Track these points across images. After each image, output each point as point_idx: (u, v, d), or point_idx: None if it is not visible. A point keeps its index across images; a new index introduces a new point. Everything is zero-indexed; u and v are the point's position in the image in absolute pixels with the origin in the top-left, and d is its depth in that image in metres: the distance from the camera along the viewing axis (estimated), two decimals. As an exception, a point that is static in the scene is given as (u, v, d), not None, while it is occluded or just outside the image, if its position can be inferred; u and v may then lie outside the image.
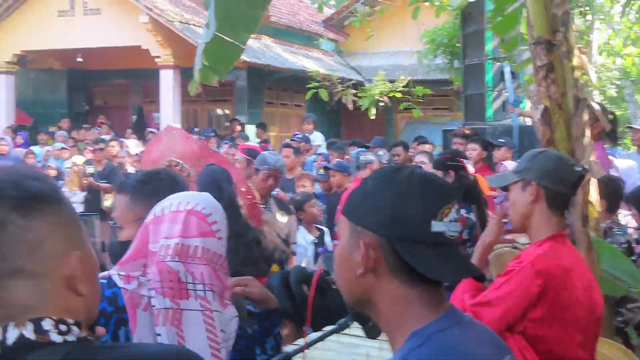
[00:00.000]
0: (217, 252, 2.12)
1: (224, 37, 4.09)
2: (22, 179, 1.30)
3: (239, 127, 16.01)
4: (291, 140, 11.98)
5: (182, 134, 5.72)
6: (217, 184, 3.62)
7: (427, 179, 1.48)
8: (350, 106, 14.39)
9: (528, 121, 9.77)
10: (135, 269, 2.12)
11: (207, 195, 2.24)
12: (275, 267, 4.63)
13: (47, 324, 1.26)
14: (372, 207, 1.46)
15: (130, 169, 11.68)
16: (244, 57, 15.26)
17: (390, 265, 1.45)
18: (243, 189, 5.14)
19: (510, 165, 6.79)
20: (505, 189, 2.96)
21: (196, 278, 2.05)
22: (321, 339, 2.26)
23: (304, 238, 6.65)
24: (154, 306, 2.05)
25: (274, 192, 6.08)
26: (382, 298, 1.47)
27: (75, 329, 1.29)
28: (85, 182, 11.56)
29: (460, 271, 1.51)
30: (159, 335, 2.02)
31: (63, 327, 1.27)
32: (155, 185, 2.57)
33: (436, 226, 1.43)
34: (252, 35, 4.88)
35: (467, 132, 9.04)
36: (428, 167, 7.94)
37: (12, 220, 1.26)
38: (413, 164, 9.16)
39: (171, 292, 2.03)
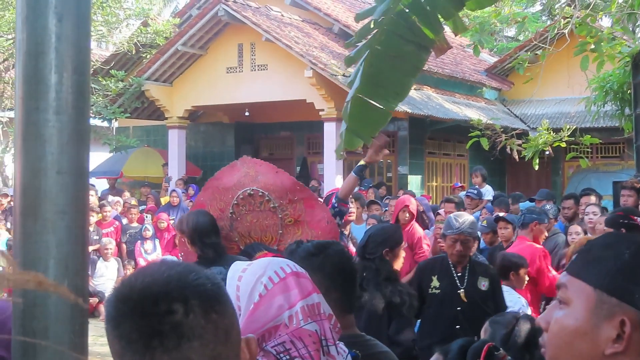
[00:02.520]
0: (324, 306, 2.08)
1: (371, 101, 4.01)
2: (207, 274, 1.37)
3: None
4: (466, 195, 11.80)
5: (270, 166, 5.49)
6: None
7: None
8: (516, 156, 14.06)
9: None
10: None
11: (282, 259, 2.20)
12: None
13: None
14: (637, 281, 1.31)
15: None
16: (405, 108, 15.34)
17: None
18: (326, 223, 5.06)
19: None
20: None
21: (322, 334, 2.02)
22: None
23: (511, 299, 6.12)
24: None
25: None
26: None
27: None
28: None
29: None
30: None
31: None
32: (324, 259, 2.59)
33: None
34: (413, 86, 4.83)
35: (638, 185, 8.60)
36: (599, 220, 7.62)
37: (213, 308, 1.31)
38: (582, 216, 8.82)
39: (317, 355, 1.99)
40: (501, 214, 9.16)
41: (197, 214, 5.14)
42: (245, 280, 2.07)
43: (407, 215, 8.56)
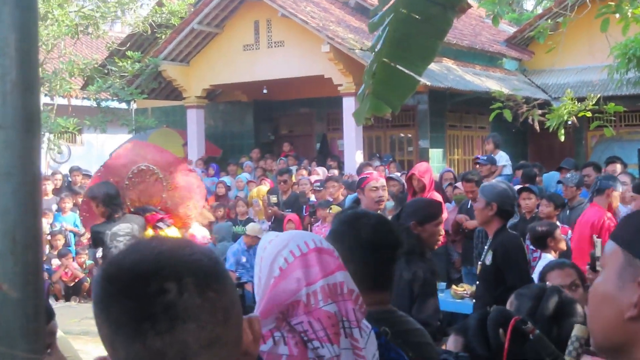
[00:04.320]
0: (350, 285, 1.97)
1: (398, 66, 3.88)
2: (202, 249, 1.26)
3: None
4: (475, 163, 11.71)
5: (156, 147, 7.47)
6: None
7: None
8: (537, 127, 13.87)
9: None
10: (266, 327, 1.94)
11: (309, 233, 2.09)
12: None
13: None
14: None
15: (313, 198, 11.82)
16: (425, 81, 15.14)
17: None
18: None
19: None
20: None
21: (344, 315, 1.93)
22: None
23: None
24: (323, 356, 1.90)
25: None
26: None
27: None
28: (270, 211, 11.80)
29: None
30: None
31: None
32: (355, 230, 2.48)
33: None
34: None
35: None
36: (629, 188, 7.47)
37: (210, 286, 1.19)
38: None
39: (336, 338, 1.90)
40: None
41: (105, 184, 6.92)
42: (268, 252, 2.00)
43: (417, 183, 8.64)
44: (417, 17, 3.92)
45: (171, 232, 7.03)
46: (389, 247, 2.55)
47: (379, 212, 5.72)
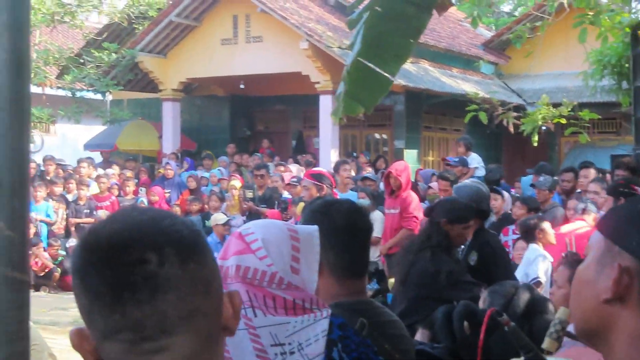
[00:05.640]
0: (259, 268, 1.97)
1: (371, 65, 3.88)
2: (183, 220, 1.24)
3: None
4: (445, 164, 11.76)
5: None
6: None
7: None
8: (512, 129, 13.96)
9: None
10: None
11: (266, 221, 2.16)
12: None
13: None
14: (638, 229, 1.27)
15: (285, 194, 11.83)
16: (401, 82, 15.19)
17: None
18: None
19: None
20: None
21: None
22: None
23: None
24: None
25: None
26: (620, 334, 1.25)
27: None
28: (245, 206, 11.79)
29: None
30: None
31: None
32: (326, 218, 2.47)
33: None
34: (410, 60, 4.73)
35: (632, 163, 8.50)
36: (603, 195, 7.56)
37: (191, 257, 1.18)
38: (581, 190, 8.76)
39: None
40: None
41: None
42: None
43: (394, 181, 8.92)
44: (392, 16, 3.92)
45: None
46: (364, 230, 2.55)
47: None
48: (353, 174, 12.89)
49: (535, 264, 6.73)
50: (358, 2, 4.33)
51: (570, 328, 1.45)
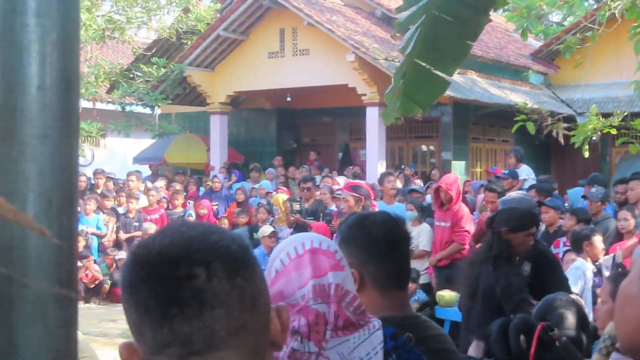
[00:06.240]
0: (346, 286, 1.95)
1: (429, 67, 3.90)
2: (231, 234, 1.25)
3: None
4: (496, 176, 11.62)
5: None
6: None
7: None
8: (562, 140, 13.77)
9: None
10: None
11: (312, 234, 2.09)
12: None
13: None
14: None
15: (333, 207, 11.82)
16: (449, 93, 15.09)
17: None
18: None
19: None
20: None
21: (329, 318, 1.91)
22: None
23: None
24: (297, 350, 1.88)
25: None
26: None
27: None
28: (292, 218, 11.81)
29: None
30: None
31: None
32: (361, 230, 2.44)
33: None
34: (457, 71, 4.73)
35: None
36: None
37: (238, 272, 1.18)
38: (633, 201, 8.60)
39: (317, 336, 1.88)
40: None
41: None
42: (272, 255, 2.02)
43: (444, 195, 8.91)
44: (450, 18, 3.94)
45: None
46: (402, 240, 2.51)
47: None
48: (399, 185, 12.81)
49: (575, 279, 6.63)
50: (407, 4, 4.35)
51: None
